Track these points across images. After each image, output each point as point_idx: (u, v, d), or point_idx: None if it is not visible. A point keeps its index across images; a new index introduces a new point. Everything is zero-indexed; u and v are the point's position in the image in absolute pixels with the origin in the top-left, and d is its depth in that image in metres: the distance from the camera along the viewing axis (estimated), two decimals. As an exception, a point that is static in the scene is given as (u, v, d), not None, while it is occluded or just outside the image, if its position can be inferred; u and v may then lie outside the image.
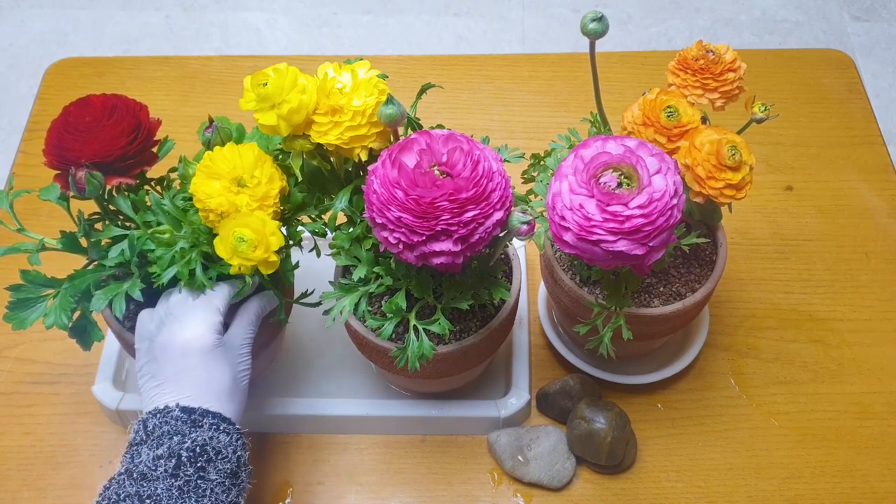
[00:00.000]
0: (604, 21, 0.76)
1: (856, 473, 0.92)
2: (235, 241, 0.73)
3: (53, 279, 0.80)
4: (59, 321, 0.78)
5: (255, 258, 0.74)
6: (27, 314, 0.79)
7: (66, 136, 0.76)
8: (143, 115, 0.79)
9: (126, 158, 0.77)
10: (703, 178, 0.75)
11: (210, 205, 0.74)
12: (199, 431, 0.72)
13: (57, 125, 0.77)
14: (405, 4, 2.26)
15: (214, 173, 0.75)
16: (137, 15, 2.24)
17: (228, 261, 0.74)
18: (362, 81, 0.74)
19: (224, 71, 1.28)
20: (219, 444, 0.72)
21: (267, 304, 0.83)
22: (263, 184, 0.75)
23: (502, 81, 1.27)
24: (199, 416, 0.73)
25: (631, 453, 0.91)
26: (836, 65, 1.28)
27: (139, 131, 0.77)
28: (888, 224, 1.11)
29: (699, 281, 0.88)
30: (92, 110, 0.76)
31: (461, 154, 0.67)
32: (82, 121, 0.76)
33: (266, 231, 0.74)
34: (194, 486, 0.70)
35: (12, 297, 0.79)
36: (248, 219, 0.73)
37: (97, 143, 0.75)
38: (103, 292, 0.78)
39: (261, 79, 0.73)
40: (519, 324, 0.98)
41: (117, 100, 0.78)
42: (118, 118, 0.76)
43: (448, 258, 0.67)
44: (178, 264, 0.77)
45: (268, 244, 0.74)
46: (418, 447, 0.94)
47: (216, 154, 0.76)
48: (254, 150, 0.76)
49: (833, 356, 1.00)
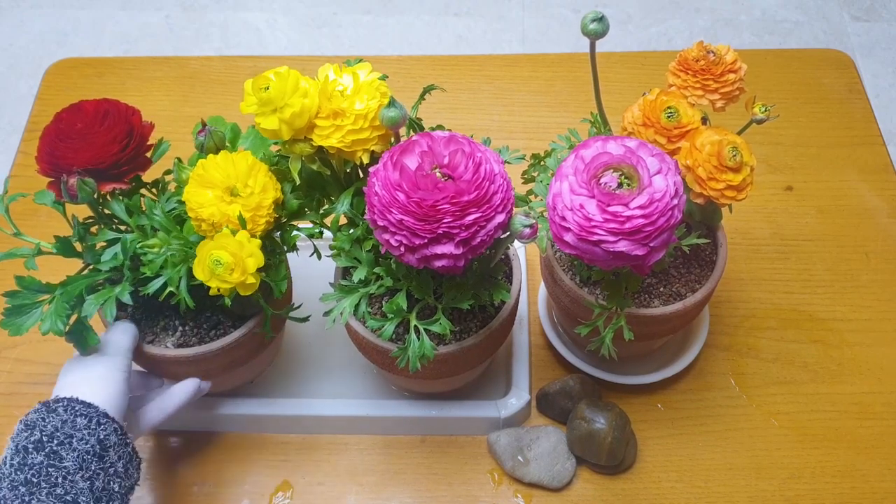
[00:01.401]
0: (604, 21, 0.76)
1: (856, 473, 0.92)
2: (212, 264, 0.72)
3: (49, 285, 0.79)
4: (55, 327, 0.77)
5: (232, 280, 0.73)
6: (23, 320, 0.78)
7: (58, 143, 0.75)
8: (136, 120, 0.78)
9: (119, 165, 0.76)
10: (704, 180, 0.76)
11: (202, 214, 0.74)
12: (52, 416, 0.71)
13: (49, 132, 0.76)
14: (405, 4, 2.26)
15: (207, 182, 0.74)
16: (137, 15, 2.23)
17: (207, 282, 0.74)
18: (363, 84, 0.73)
19: (224, 71, 1.28)
20: (73, 427, 0.70)
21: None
22: (256, 193, 0.75)
23: (502, 81, 1.27)
24: (52, 402, 0.72)
25: (631, 454, 0.91)
26: (836, 65, 1.28)
27: (132, 137, 0.77)
28: (888, 224, 1.11)
29: (699, 281, 0.88)
30: (84, 117, 0.76)
31: (463, 156, 0.67)
32: (74, 128, 0.75)
33: (243, 254, 0.73)
34: (45, 476, 0.67)
35: (8, 302, 0.78)
36: (226, 241, 0.73)
37: (89, 150, 0.75)
38: (94, 297, 0.78)
39: (262, 83, 0.72)
40: (519, 324, 0.98)
41: (109, 105, 0.77)
42: (110, 124, 0.76)
43: (450, 261, 0.67)
44: (167, 273, 0.77)
45: (244, 266, 0.73)
46: (418, 447, 0.94)
47: (209, 162, 0.75)
48: (247, 158, 0.75)
49: (833, 356, 1.00)
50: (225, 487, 0.91)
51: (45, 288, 0.79)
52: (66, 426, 0.70)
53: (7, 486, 0.67)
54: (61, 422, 0.70)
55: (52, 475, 0.67)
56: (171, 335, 0.86)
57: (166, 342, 0.85)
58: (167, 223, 0.79)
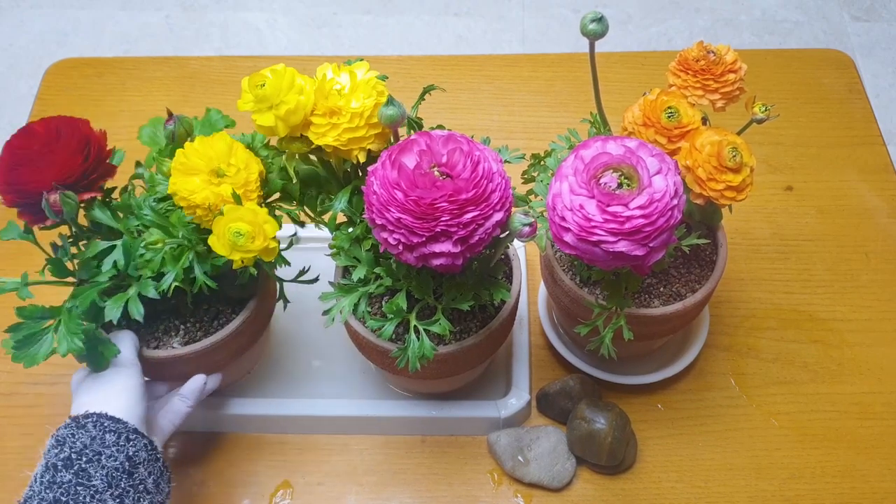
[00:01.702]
0: (603, 22, 0.76)
1: (856, 473, 0.92)
2: (233, 237, 0.72)
3: (52, 308, 0.77)
4: (73, 345, 0.75)
5: (255, 249, 0.73)
6: (35, 349, 0.76)
7: (17, 170, 0.75)
8: (88, 130, 0.78)
9: (87, 175, 0.77)
10: (704, 180, 0.75)
11: (196, 200, 0.74)
12: (81, 433, 0.70)
13: (4, 162, 0.75)
14: (405, 4, 2.26)
15: (191, 168, 0.75)
16: (137, 15, 2.23)
17: (229, 256, 0.74)
18: (360, 83, 0.73)
19: (224, 71, 1.28)
20: (101, 444, 0.70)
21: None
22: (242, 170, 0.75)
23: (502, 81, 1.27)
24: (82, 418, 0.72)
25: (631, 454, 0.91)
26: (836, 65, 1.28)
27: (90, 146, 0.77)
28: (888, 224, 1.11)
29: (699, 281, 0.88)
30: (38, 138, 0.76)
31: (461, 155, 0.67)
32: (31, 150, 0.75)
33: (259, 220, 0.73)
34: (73, 494, 0.67)
35: (13, 337, 0.76)
36: (240, 212, 0.73)
37: (53, 167, 0.75)
38: (113, 301, 0.77)
39: (258, 80, 0.73)
40: (519, 324, 0.98)
41: (59, 122, 0.77)
42: (65, 140, 0.76)
43: (448, 259, 0.67)
44: (171, 268, 0.77)
45: (265, 233, 0.74)
46: (418, 447, 0.94)
47: (188, 150, 0.75)
48: (224, 139, 0.76)
49: (833, 356, 1.00)
50: (225, 487, 0.91)
51: (49, 312, 0.77)
52: (95, 443, 0.70)
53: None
54: (90, 438, 0.70)
55: (81, 494, 0.67)
56: (175, 335, 0.86)
57: (172, 343, 0.85)
58: (158, 217, 0.79)
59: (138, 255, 0.78)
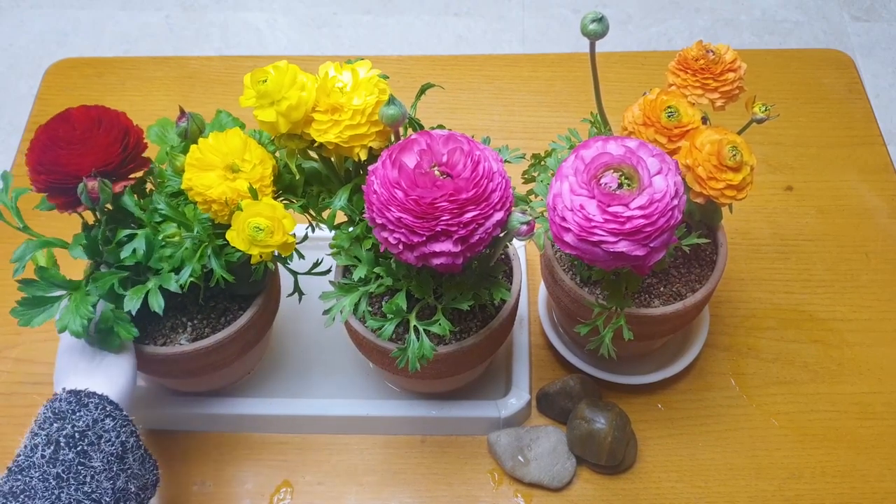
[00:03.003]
0: (604, 22, 0.76)
1: (856, 473, 0.92)
2: (252, 231, 0.73)
3: (70, 282, 0.77)
4: (73, 326, 0.75)
5: (274, 243, 0.74)
6: (35, 313, 0.77)
7: (55, 151, 0.75)
8: (127, 121, 0.79)
9: (125, 164, 0.77)
10: (704, 179, 0.75)
11: (212, 195, 0.75)
12: (84, 411, 0.72)
13: (40, 143, 0.76)
14: (405, 4, 2.26)
15: (206, 164, 0.75)
16: (137, 15, 2.23)
17: (247, 251, 0.74)
18: (363, 81, 0.74)
19: (224, 71, 1.28)
20: (102, 428, 0.72)
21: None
22: (257, 165, 0.76)
23: (502, 81, 1.27)
24: (84, 396, 0.73)
25: (631, 453, 0.91)
26: (836, 65, 1.28)
27: (128, 136, 0.77)
28: (888, 224, 1.11)
29: (699, 281, 0.88)
30: (80, 123, 0.76)
31: (461, 154, 0.67)
32: (73, 134, 0.75)
33: (278, 215, 0.74)
34: (75, 473, 0.69)
35: (23, 291, 0.76)
36: (258, 207, 0.74)
37: (94, 153, 0.75)
38: (132, 292, 0.77)
39: (260, 76, 0.73)
40: (519, 324, 0.98)
41: (99, 110, 0.78)
42: (106, 128, 0.76)
43: (448, 259, 0.67)
44: (190, 264, 0.77)
45: (283, 228, 0.74)
46: (418, 447, 0.94)
47: (203, 145, 0.76)
48: (238, 135, 0.77)
49: (833, 356, 1.00)
50: (225, 487, 0.91)
51: (66, 284, 0.77)
52: (97, 426, 0.72)
53: (38, 477, 0.69)
54: (92, 420, 0.72)
55: (82, 473, 0.70)
56: (183, 332, 0.86)
57: (179, 340, 0.86)
58: (174, 213, 0.79)
59: (159, 248, 0.78)
